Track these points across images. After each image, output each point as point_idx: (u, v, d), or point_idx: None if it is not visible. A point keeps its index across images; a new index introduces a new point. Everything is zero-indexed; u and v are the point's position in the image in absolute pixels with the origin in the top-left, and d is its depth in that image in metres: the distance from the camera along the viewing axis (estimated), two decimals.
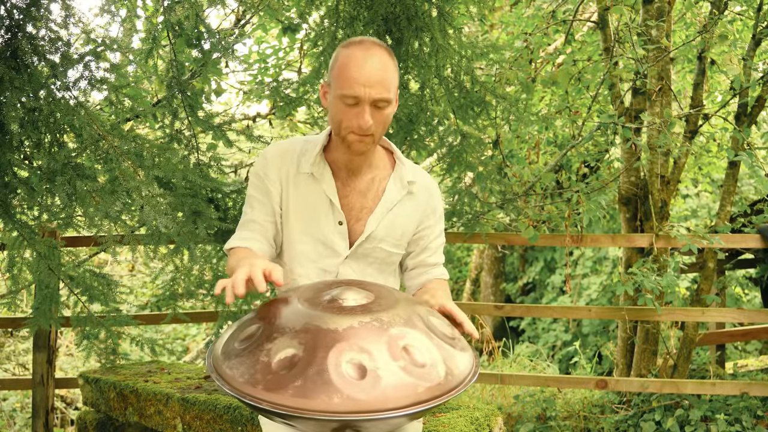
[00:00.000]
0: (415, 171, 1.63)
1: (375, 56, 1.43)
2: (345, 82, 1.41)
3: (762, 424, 3.44)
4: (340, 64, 1.44)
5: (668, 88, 3.91)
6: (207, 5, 3.10)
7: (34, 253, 2.67)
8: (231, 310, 3.36)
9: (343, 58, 1.44)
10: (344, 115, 1.44)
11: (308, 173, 1.56)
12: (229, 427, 2.33)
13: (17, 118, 2.47)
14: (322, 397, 1.03)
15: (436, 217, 1.66)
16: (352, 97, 1.41)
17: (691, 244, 3.46)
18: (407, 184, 1.59)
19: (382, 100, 1.43)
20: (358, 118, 1.43)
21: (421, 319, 1.23)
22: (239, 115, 5.59)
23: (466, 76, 3.24)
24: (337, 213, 1.56)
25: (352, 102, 1.42)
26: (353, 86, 1.41)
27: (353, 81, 1.41)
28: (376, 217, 1.57)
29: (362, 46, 1.45)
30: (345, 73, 1.42)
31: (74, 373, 5.55)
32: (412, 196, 1.61)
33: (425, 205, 1.64)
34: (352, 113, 1.43)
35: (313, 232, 1.57)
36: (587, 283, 8.25)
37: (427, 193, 1.64)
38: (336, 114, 1.46)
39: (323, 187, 1.56)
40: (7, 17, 2.41)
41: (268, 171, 1.57)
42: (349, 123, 1.44)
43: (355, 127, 1.44)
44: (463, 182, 3.77)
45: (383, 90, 1.42)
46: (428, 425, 2.21)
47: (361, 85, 1.40)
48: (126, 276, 7.32)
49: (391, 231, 1.59)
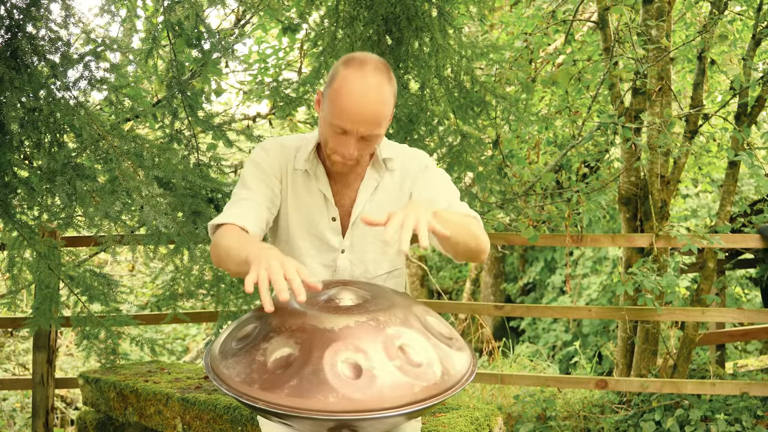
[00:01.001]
0: (391, 147, 1.61)
1: (371, 87, 1.38)
2: (336, 111, 1.39)
3: (762, 424, 3.44)
4: (336, 88, 1.40)
5: (668, 88, 3.91)
6: (207, 5, 3.10)
7: (34, 253, 2.68)
8: (231, 309, 3.36)
9: (340, 80, 1.40)
10: (331, 140, 1.44)
11: (303, 170, 1.57)
12: (229, 427, 2.33)
13: (17, 118, 2.48)
14: (318, 397, 1.03)
15: (429, 172, 1.60)
16: (341, 128, 1.40)
17: (691, 244, 3.45)
18: (383, 162, 1.58)
19: (371, 135, 1.42)
20: (344, 148, 1.42)
21: (418, 319, 1.23)
22: (239, 115, 5.60)
23: (466, 76, 3.24)
24: (331, 209, 1.58)
25: (341, 132, 1.41)
26: (343, 119, 1.39)
27: (344, 114, 1.38)
28: (358, 206, 1.58)
29: (361, 72, 1.39)
30: (338, 102, 1.39)
31: (74, 373, 5.55)
32: (392, 172, 1.60)
33: (414, 171, 1.60)
34: (338, 140, 1.43)
35: (309, 228, 1.59)
36: (587, 283, 8.24)
37: (411, 159, 1.61)
38: (323, 133, 1.46)
39: (318, 184, 1.57)
40: (7, 17, 2.41)
41: (270, 161, 1.56)
42: (334, 147, 1.44)
43: (339, 153, 1.44)
44: (463, 182, 3.77)
45: (373, 127, 1.40)
46: (428, 425, 2.21)
47: (351, 121, 1.38)
48: (126, 276, 7.33)
49: (376, 213, 1.57)
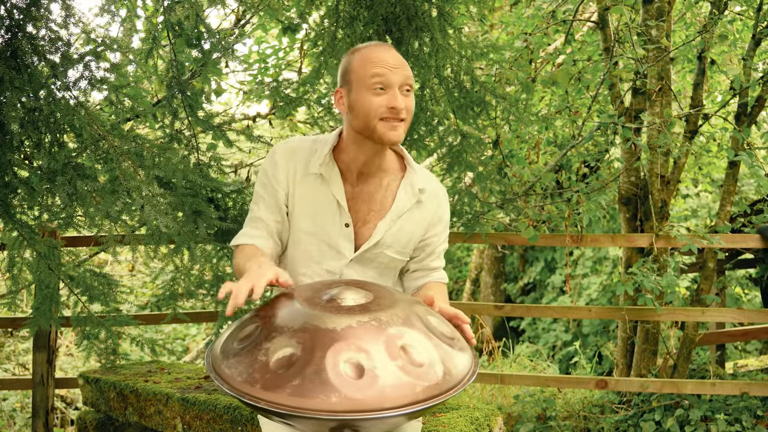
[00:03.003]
0: (426, 178, 1.63)
1: (390, 49, 1.49)
2: (372, 68, 1.45)
3: (762, 424, 3.44)
4: (359, 60, 1.48)
5: (668, 88, 3.91)
6: (207, 5, 3.09)
7: (34, 253, 2.67)
8: None
9: (359, 56, 1.49)
10: (374, 102, 1.45)
11: (317, 174, 1.54)
12: (229, 427, 2.33)
13: (17, 118, 2.47)
14: (320, 397, 1.03)
15: (443, 224, 1.67)
16: (381, 80, 1.45)
17: (691, 244, 3.45)
18: (418, 192, 1.58)
19: (408, 84, 1.47)
20: (390, 101, 1.45)
21: (420, 319, 1.23)
22: (239, 115, 5.60)
23: (466, 76, 3.24)
24: (344, 215, 1.55)
25: (381, 86, 1.45)
26: (381, 69, 1.45)
27: (380, 65, 1.45)
28: (385, 224, 1.56)
29: (373, 44, 1.51)
30: (369, 63, 1.46)
31: (74, 373, 5.55)
32: (421, 204, 1.60)
33: (433, 214, 1.63)
34: (382, 99, 1.45)
35: (318, 233, 1.56)
36: (587, 283, 8.24)
37: (436, 201, 1.64)
38: (364, 105, 1.46)
39: (331, 188, 1.54)
40: (7, 17, 2.41)
41: (276, 171, 1.56)
42: (379, 108, 1.45)
43: (386, 112, 1.45)
44: (463, 182, 3.77)
45: (408, 74, 1.48)
46: (428, 425, 2.21)
47: (388, 68, 1.45)
48: (126, 276, 7.33)
49: (399, 238, 1.59)
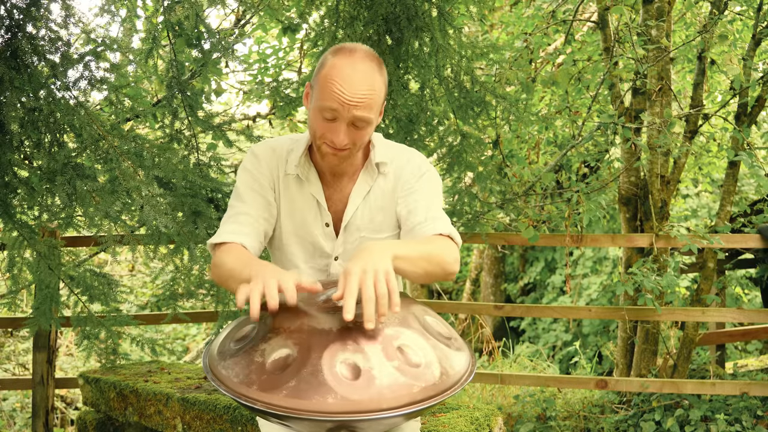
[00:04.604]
0: (386, 150, 1.55)
1: (361, 72, 1.36)
2: (326, 93, 1.36)
3: (762, 424, 3.44)
4: (325, 73, 1.37)
5: (668, 88, 3.90)
6: (207, 5, 3.10)
7: (34, 253, 2.68)
8: (231, 309, 3.36)
9: (329, 67, 1.37)
10: (321, 127, 1.40)
11: (295, 175, 1.52)
12: (229, 427, 2.33)
13: (17, 118, 2.48)
14: (317, 398, 1.03)
15: (416, 178, 1.54)
16: (330, 111, 1.36)
17: (691, 244, 3.45)
18: (375, 167, 1.54)
19: (361, 120, 1.37)
20: (334, 135, 1.38)
21: (417, 319, 1.23)
22: (239, 115, 5.60)
23: (466, 76, 3.24)
24: (324, 214, 1.54)
25: (330, 117, 1.37)
26: (332, 100, 1.35)
27: (333, 95, 1.34)
28: (349, 211, 1.54)
29: (351, 59, 1.37)
30: (327, 85, 1.35)
31: (74, 373, 5.55)
32: (385, 176, 1.55)
33: (398, 178, 1.54)
34: (328, 127, 1.39)
35: (302, 233, 1.55)
36: (587, 283, 8.24)
37: (402, 165, 1.55)
38: (313, 123, 1.42)
39: (310, 189, 1.53)
40: (7, 17, 2.41)
41: (261, 168, 1.53)
42: (324, 135, 1.40)
43: (329, 142, 1.40)
44: (463, 182, 3.76)
45: (364, 110, 1.36)
46: (428, 425, 2.21)
47: (340, 102, 1.34)
48: (126, 276, 7.33)
49: (368, 218, 1.55)
